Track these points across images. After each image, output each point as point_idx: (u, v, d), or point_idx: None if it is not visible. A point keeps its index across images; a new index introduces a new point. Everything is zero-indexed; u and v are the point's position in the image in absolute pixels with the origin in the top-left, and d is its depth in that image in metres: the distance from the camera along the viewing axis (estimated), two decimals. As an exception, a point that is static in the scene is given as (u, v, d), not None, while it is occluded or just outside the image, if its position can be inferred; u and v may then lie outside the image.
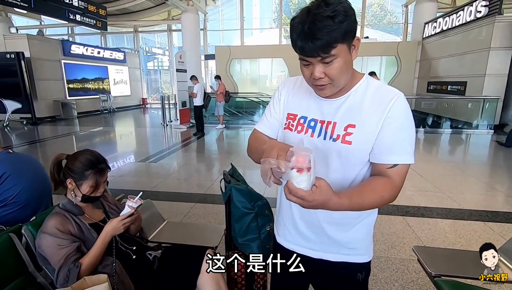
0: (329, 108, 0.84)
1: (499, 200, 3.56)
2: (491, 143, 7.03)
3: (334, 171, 0.84)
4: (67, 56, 11.53)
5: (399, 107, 0.77)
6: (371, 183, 0.80)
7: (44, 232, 1.18)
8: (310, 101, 0.89)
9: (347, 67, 0.75)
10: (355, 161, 0.82)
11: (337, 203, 0.70)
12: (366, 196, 0.76)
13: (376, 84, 0.83)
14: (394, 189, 0.79)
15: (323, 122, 0.85)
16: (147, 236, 1.65)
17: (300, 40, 0.70)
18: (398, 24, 14.43)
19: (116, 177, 4.35)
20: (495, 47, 7.86)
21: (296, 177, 0.66)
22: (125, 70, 15.33)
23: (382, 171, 0.80)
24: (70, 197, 1.29)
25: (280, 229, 1.04)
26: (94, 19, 9.23)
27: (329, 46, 0.69)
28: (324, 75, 0.74)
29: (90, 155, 1.30)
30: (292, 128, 0.90)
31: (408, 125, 0.79)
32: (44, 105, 10.44)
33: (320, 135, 0.84)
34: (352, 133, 0.80)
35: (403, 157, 0.79)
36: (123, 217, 1.28)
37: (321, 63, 0.73)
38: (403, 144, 0.78)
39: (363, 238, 0.93)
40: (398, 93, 0.80)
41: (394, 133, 0.78)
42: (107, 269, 1.24)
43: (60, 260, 1.16)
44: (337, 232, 0.90)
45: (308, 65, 0.75)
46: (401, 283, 2.00)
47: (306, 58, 0.73)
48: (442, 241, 2.55)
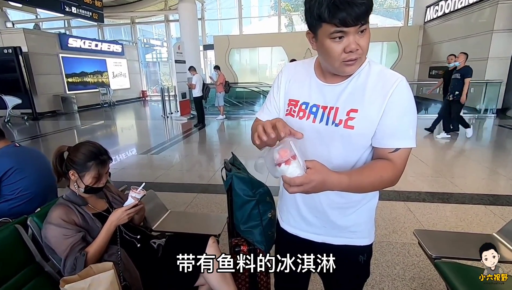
0: (332, 93, 0.84)
1: (500, 184, 3.57)
2: (493, 127, 6.99)
3: (336, 156, 0.84)
4: (65, 49, 11.44)
5: (402, 91, 0.77)
6: (371, 165, 0.81)
7: (49, 223, 1.20)
8: (312, 87, 0.88)
9: (369, 40, 0.75)
10: (358, 146, 0.83)
11: (337, 180, 0.71)
12: (365, 175, 0.77)
13: (378, 68, 0.83)
14: (394, 171, 0.79)
15: (325, 108, 0.84)
16: (150, 225, 1.68)
17: (340, 9, 0.67)
18: (399, 8, 14.15)
19: (118, 169, 4.38)
20: (498, 30, 7.72)
21: (286, 170, 0.68)
22: (123, 62, 15.21)
23: (384, 155, 0.81)
24: (73, 188, 1.31)
25: (283, 214, 1.06)
26: (90, 11, 9.09)
27: (369, 12, 0.69)
28: (358, 47, 0.73)
29: (92, 146, 1.31)
30: (294, 114, 0.90)
31: (410, 110, 0.79)
32: (44, 100, 10.43)
33: (322, 121, 0.84)
34: (355, 118, 0.79)
35: (404, 141, 0.79)
36: (127, 207, 1.29)
37: (356, 34, 0.71)
38: (405, 129, 0.78)
39: (365, 222, 0.95)
40: (400, 77, 0.79)
41: (397, 118, 0.77)
42: (113, 257, 1.27)
43: (66, 249, 1.18)
44: (339, 216, 0.92)
45: (341, 38, 0.72)
46: (402, 266, 2.03)
47: (344, 29, 0.70)
48: (444, 225, 2.57)
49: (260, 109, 1.03)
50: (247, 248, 1.48)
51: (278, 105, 0.96)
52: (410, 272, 1.98)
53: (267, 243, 1.46)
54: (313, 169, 0.68)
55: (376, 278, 1.93)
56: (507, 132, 6.46)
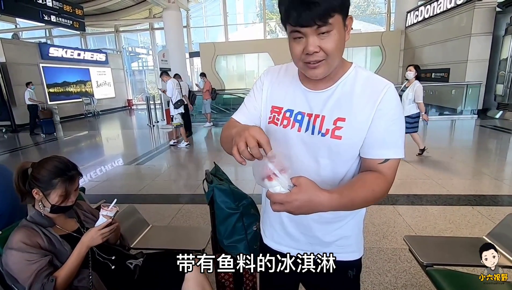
0: (317, 100, 0.79)
1: (485, 184, 3.61)
2: (475, 127, 7.16)
3: (324, 167, 0.79)
4: (46, 59, 11.14)
5: (390, 98, 0.73)
6: (362, 178, 0.75)
7: (10, 248, 1.09)
8: (297, 93, 0.82)
9: (341, 44, 0.69)
10: (346, 156, 0.78)
11: (327, 199, 0.64)
12: (358, 191, 0.71)
13: (366, 73, 0.78)
14: (386, 184, 0.75)
15: (310, 116, 0.79)
16: (128, 243, 1.57)
17: (294, 8, 0.63)
18: (381, 14, 14.51)
19: (100, 182, 4.22)
20: (476, 33, 7.98)
21: (269, 185, 0.63)
22: (108, 71, 14.94)
23: (373, 166, 0.76)
24: (38, 208, 1.20)
25: (266, 229, 0.98)
26: (70, 19, 8.86)
27: (328, 13, 0.63)
28: (319, 49, 0.67)
29: (58, 162, 1.21)
30: (278, 122, 0.83)
31: (398, 118, 0.75)
32: (23, 112, 10.02)
33: (308, 130, 0.79)
34: (342, 127, 0.75)
35: (394, 151, 0.75)
36: (101, 227, 1.19)
37: (315, 35, 0.66)
38: (394, 138, 0.75)
39: (353, 235, 0.89)
40: (388, 84, 0.75)
41: (385, 127, 0.73)
42: (83, 282, 1.16)
43: (30, 276, 1.07)
44: (326, 231, 0.86)
45: (300, 39, 0.68)
46: (394, 273, 1.98)
47: (300, 29, 0.66)
48: (433, 228, 2.55)
49: (237, 110, 0.94)
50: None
51: (258, 109, 0.89)
52: (402, 279, 1.93)
53: (252, 258, 1.38)
54: (298, 187, 0.62)
55: (368, 287, 1.87)
56: (488, 132, 6.63)
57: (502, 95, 7.75)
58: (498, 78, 7.89)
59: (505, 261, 1.44)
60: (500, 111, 7.93)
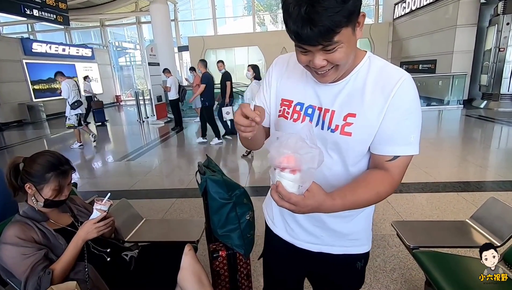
0: (328, 94, 0.75)
1: (470, 171, 3.74)
2: (461, 117, 7.35)
3: (333, 164, 0.77)
4: (29, 55, 10.81)
5: (406, 91, 0.68)
6: (367, 179, 0.73)
7: (4, 243, 1.09)
8: (307, 85, 0.79)
9: (352, 50, 0.66)
10: (356, 153, 0.75)
11: (330, 205, 0.65)
12: (361, 194, 0.70)
13: (380, 63, 0.73)
14: (392, 185, 0.72)
15: (320, 109, 0.76)
16: (123, 237, 1.58)
17: (296, 26, 0.58)
18: (369, 6, 14.57)
19: (91, 179, 4.18)
20: (461, 24, 8.14)
21: (288, 178, 0.59)
22: (94, 67, 14.61)
23: (380, 163, 0.73)
24: (31, 203, 1.20)
25: (276, 220, 0.95)
26: (54, 13, 8.59)
27: (332, 32, 0.58)
28: (326, 62, 0.64)
29: (50, 156, 1.21)
30: (288, 115, 0.81)
31: (413, 112, 0.70)
32: (8, 109, 9.79)
33: (318, 124, 0.76)
34: (352, 123, 0.71)
35: (404, 148, 0.71)
36: (96, 220, 1.20)
37: (321, 51, 0.62)
38: (406, 134, 0.70)
39: (364, 229, 0.89)
40: (404, 75, 0.69)
41: (397, 122, 0.69)
42: (79, 275, 1.17)
43: (26, 270, 1.07)
44: (339, 223, 0.85)
45: (307, 52, 0.64)
46: (383, 258, 2.06)
47: (303, 46, 0.63)
48: (420, 214, 2.65)
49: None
50: (226, 253, 1.44)
51: (268, 105, 0.87)
52: (391, 263, 2.01)
53: (246, 247, 1.42)
54: (311, 193, 0.62)
55: (358, 272, 1.93)
56: (473, 121, 6.82)
57: (487, 85, 7.96)
58: (482, 69, 8.09)
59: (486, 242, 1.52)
60: (484, 101, 8.15)
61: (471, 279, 1.31)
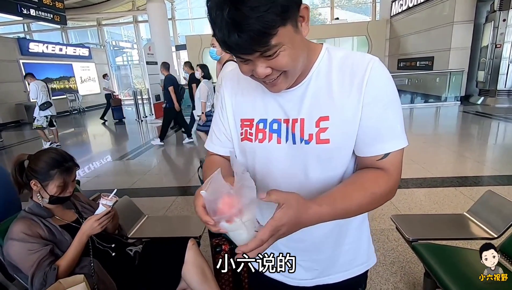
0: (291, 101, 0.65)
1: (468, 166, 3.78)
2: (458, 113, 7.40)
3: (314, 181, 0.66)
4: (26, 55, 10.77)
5: (378, 77, 0.59)
6: (359, 179, 0.63)
7: (11, 239, 1.11)
8: (266, 97, 0.67)
9: (300, 50, 0.56)
10: (339, 161, 0.65)
11: (316, 213, 0.54)
12: (352, 197, 0.59)
13: (341, 53, 0.64)
14: (389, 183, 0.62)
15: (287, 121, 0.65)
16: (126, 233, 1.60)
17: (222, 34, 0.48)
18: (367, 3, 14.60)
19: (91, 178, 4.18)
20: (458, 21, 8.18)
21: (229, 228, 0.51)
22: (91, 66, 14.56)
23: (372, 164, 0.63)
24: (37, 199, 1.21)
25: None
26: (50, 13, 8.56)
27: (265, 36, 0.48)
28: (271, 70, 0.55)
29: (55, 153, 1.22)
30: (251, 137, 0.69)
31: (392, 99, 0.61)
32: (5, 110, 9.76)
33: (287, 140, 0.65)
34: (327, 128, 0.61)
35: (394, 142, 0.62)
36: (99, 215, 1.22)
37: (261, 58, 0.53)
38: (391, 125, 0.61)
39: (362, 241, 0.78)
40: (372, 59, 0.61)
41: (378, 114, 0.60)
42: (85, 269, 1.19)
43: (32, 265, 1.09)
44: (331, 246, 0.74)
45: (246, 61, 0.55)
46: (383, 252, 2.09)
47: (240, 56, 0.53)
48: (419, 209, 2.68)
49: (208, 136, 0.81)
50: (229, 247, 1.46)
51: (228, 131, 0.75)
52: (390, 257, 2.04)
53: (248, 241, 1.43)
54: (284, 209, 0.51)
55: (358, 266, 1.96)
56: (471, 118, 6.87)
57: (483, 82, 8.01)
58: (479, 65, 8.14)
59: (483, 234, 1.55)
60: (481, 97, 8.20)
61: (469, 269, 1.34)
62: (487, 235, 1.54)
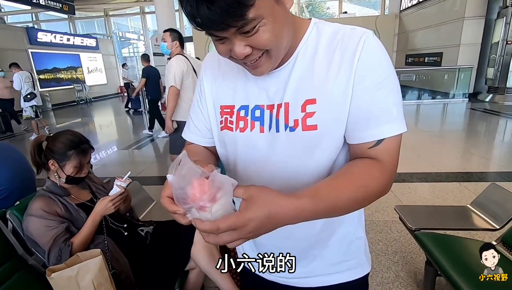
0: (275, 85, 0.58)
1: (473, 162, 3.77)
2: (466, 110, 7.33)
3: (304, 173, 0.58)
4: (34, 44, 10.87)
5: (371, 53, 0.52)
6: (348, 170, 0.54)
7: (30, 215, 1.17)
8: (248, 82, 0.60)
9: (283, 24, 0.49)
10: (328, 151, 0.57)
11: (294, 208, 0.44)
12: (341, 190, 0.50)
13: (331, 29, 0.56)
14: (384, 174, 0.54)
15: (271, 107, 0.58)
16: (137, 216, 1.66)
17: (190, 6, 0.42)
18: (376, -3, 14.38)
19: (99, 166, 4.26)
20: (469, 17, 8.03)
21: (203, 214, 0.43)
22: (98, 57, 14.66)
23: (363, 153, 0.55)
24: (54, 179, 1.27)
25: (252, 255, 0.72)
26: (60, 2, 8.63)
27: (240, 7, 0.41)
28: (251, 49, 0.48)
29: (72, 135, 1.27)
30: (232, 126, 0.62)
31: (388, 76, 0.53)
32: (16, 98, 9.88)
33: (271, 128, 0.58)
34: (315, 112, 0.54)
35: (389, 126, 0.53)
36: (113, 196, 1.27)
37: (239, 35, 0.45)
38: (385, 107, 0.53)
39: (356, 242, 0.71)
40: (365, 33, 0.53)
41: (370, 94, 0.52)
42: (99, 247, 1.24)
43: (49, 241, 1.15)
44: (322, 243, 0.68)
45: (222, 40, 0.48)
46: (385, 242, 2.13)
47: (214, 33, 0.46)
48: (422, 202, 2.70)
49: (186, 125, 0.74)
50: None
51: (207, 119, 0.68)
52: (393, 247, 2.07)
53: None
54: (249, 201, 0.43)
55: (361, 255, 2.01)
56: (478, 115, 6.80)
57: (493, 79, 7.89)
58: (489, 62, 8.01)
59: (485, 225, 1.57)
60: (490, 95, 8.10)
61: (470, 258, 1.37)
62: (489, 226, 1.57)
